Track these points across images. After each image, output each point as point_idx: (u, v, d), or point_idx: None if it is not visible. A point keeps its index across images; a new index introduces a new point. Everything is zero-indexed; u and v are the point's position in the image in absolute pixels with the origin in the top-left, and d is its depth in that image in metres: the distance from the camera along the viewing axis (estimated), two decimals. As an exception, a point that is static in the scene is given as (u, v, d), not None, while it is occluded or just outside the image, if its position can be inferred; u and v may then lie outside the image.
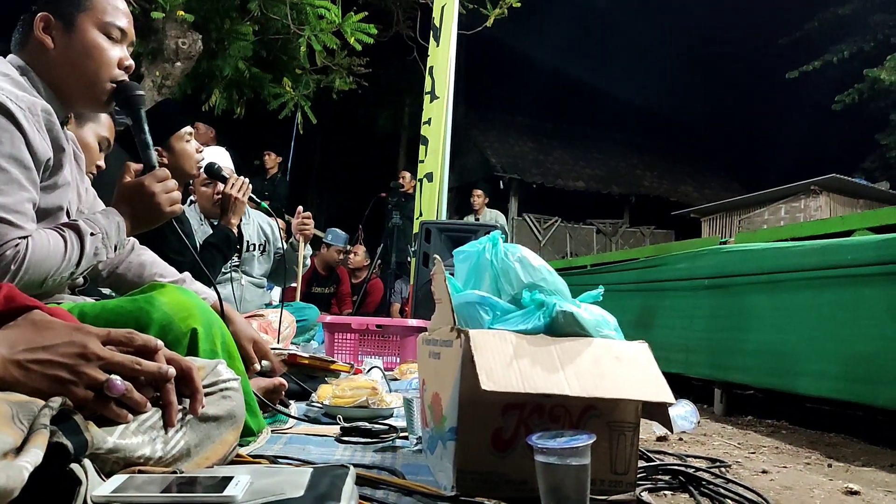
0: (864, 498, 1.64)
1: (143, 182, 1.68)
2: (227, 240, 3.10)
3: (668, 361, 3.43)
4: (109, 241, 1.61)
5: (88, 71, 1.62)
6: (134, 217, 1.68)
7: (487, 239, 1.55)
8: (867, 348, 2.49)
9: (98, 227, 1.59)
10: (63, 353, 0.98)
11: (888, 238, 2.51)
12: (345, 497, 0.96)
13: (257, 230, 3.77)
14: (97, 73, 1.63)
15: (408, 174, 8.57)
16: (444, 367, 1.44)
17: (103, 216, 1.63)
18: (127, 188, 1.69)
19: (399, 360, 3.56)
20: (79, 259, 1.54)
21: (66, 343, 0.99)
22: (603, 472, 1.35)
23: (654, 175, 18.60)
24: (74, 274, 1.56)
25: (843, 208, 11.16)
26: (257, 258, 3.71)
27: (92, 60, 1.62)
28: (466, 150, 17.04)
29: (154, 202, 1.68)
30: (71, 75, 1.62)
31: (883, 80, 13.00)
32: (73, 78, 1.63)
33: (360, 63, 8.64)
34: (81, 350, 0.99)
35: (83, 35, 1.61)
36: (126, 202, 1.68)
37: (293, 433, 1.93)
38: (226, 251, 3.12)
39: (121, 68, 1.67)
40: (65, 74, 1.62)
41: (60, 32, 1.60)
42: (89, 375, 0.98)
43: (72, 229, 1.55)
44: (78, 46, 1.61)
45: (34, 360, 0.97)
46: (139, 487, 0.96)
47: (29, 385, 0.95)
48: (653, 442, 2.22)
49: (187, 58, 7.05)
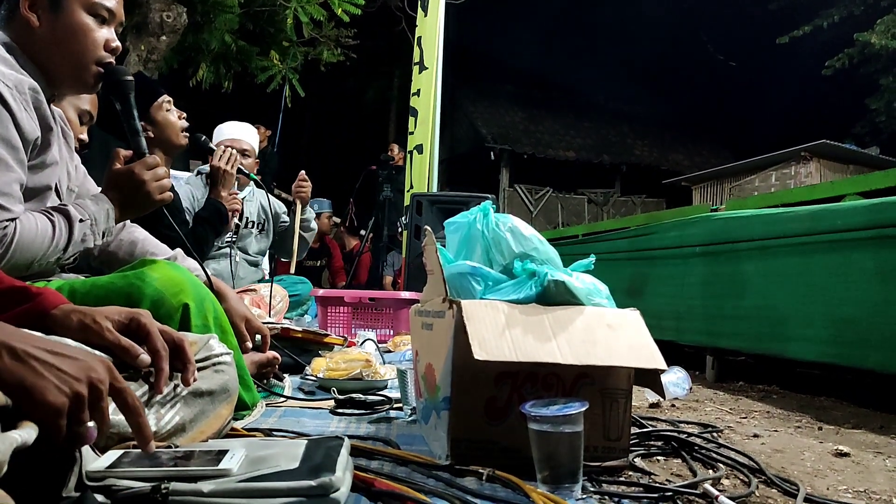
0: (853, 459, 1.67)
1: (132, 170, 1.65)
2: (217, 213, 3.09)
3: (659, 329, 3.45)
4: (98, 228, 1.59)
5: (74, 52, 1.58)
6: (123, 204, 1.66)
7: (478, 209, 1.55)
8: (856, 312, 2.51)
9: (87, 214, 1.57)
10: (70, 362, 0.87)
11: (878, 202, 2.52)
12: (340, 468, 0.96)
13: (258, 208, 3.77)
14: (83, 54, 1.59)
15: (396, 146, 8.53)
16: (436, 338, 1.44)
17: (93, 202, 1.61)
18: (116, 175, 1.67)
19: (392, 333, 3.57)
20: (66, 244, 1.52)
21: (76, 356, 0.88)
22: (596, 438, 1.36)
23: (644, 144, 18.56)
24: (61, 259, 1.55)
25: (833, 174, 11.20)
26: (255, 236, 3.71)
27: (77, 42, 1.58)
28: (456, 120, 16.95)
29: (144, 190, 1.66)
30: (56, 56, 1.58)
31: (873, 44, 12.94)
32: (59, 59, 1.59)
33: (347, 34, 8.55)
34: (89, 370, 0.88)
35: (69, 15, 1.57)
36: (115, 189, 1.66)
37: (287, 406, 1.94)
38: (217, 225, 3.11)
39: (107, 50, 1.63)
40: (50, 54, 1.57)
41: (46, 11, 1.56)
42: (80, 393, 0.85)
43: (61, 214, 1.53)
44: (64, 27, 1.57)
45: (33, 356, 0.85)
46: (134, 462, 0.96)
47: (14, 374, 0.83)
48: (645, 409, 2.24)
49: (172, 31, 6.95)
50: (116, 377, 0.91)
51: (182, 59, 7.98)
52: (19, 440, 0.76)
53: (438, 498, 1.09)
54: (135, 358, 1.06)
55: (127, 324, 1.10)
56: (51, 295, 1.11)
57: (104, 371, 0.88)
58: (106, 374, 0.89)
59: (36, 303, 1.09)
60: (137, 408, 0.93)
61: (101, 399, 0.86)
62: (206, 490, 0.91)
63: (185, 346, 1.14)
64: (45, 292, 1.10)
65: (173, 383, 1.14)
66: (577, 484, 1.17)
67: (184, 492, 0.91)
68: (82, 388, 0.84)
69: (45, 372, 0.83)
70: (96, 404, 0.86)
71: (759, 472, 1.41)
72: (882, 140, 14.08)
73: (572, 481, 1.17)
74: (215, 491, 0.91)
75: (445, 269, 1.47)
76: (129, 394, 0.92)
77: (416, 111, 6.00)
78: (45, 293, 1.10)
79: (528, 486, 1.15)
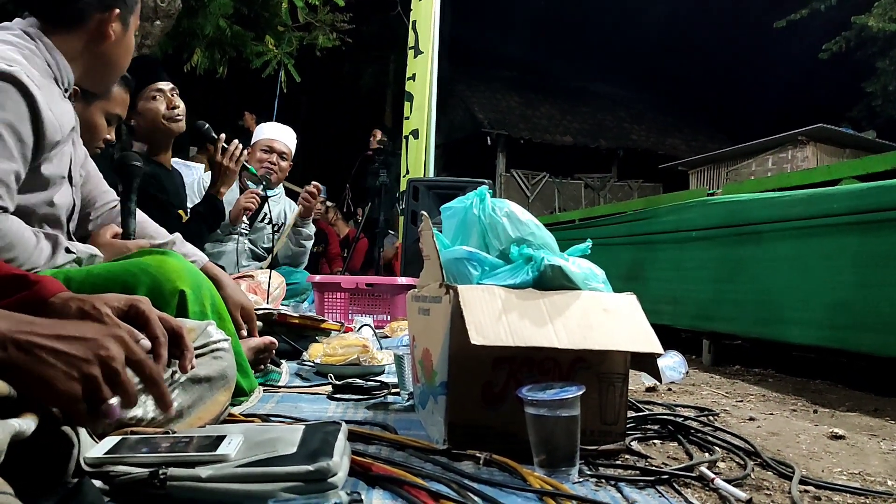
0: (848, 442, 1.68)
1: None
2: (214, 210, 3.09)
3: (656, 313, 3.46)
4: None
5: (122, 67, 1.80)
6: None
7: (475, 194, 1.54)
8: (852, 296, 2.51)
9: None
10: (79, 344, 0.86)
11: (874, 186, 2.52)
12: (337, 452, 0.97)
13: (282, 211, 3.94)
14: (124, 69, 1.81)
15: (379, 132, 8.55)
16: (433, 323, 1.45)
17: None
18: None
19: (389, 318, 3.57)
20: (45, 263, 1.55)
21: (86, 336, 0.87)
22: (593, 422, 1.36)
23: (641, 128, 18.52)
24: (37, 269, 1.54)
25: (829, 158, 11.19)
26: (268, 234, 3.80)
27: (127, 59, 1.79)
28: (453, 105, 16.89)
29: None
30: (109, 68, 1.76)
31: (871, 27, 12.90)
32: (110, 70, 1.77)
33: (343, 19, 8.49)
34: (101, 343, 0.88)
35: (129, 35, 1.76)
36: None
37: (285, 392, 1.95)
38: (212, 221, 3.12)
39: None
40: (104, 65, 1.74)
41: (120, 27, 1.72)
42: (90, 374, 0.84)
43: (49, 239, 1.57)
44: (123, 44, 1.75)
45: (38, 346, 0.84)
46: (132, 448, 0.96)
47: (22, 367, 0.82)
48: (642, 392, 2.25)
49: (166, 16, 6.89)
50: (132, 349, 0.90)
51: (176, 45, 7.92)
52: (17, 428, 0.76)
53: (436, 482, 1.09)
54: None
55: (126, 310, 1.10)
56: (49, 283, 1.11)
57: (116, 346, 0.88)
58: (119, 348, 0.88)
59: (34, 290, 1.08)
60: (156, 378, 0.94)
61: (116, 374, 0.86)
62: (204, 475, 0.91)
63: (183, 332, 1.13)
64: (43, 280, 1.10)
65: (171, 370, 1.14)
66: (573, 467, 1.18)
67: (182, 477, 0.91)
68: (93, 369, 0.84)
69: (53, 359, 0.82)
70: (114, 380, 0.86)
71: (755, 454, 1.42)
72: (879, 123, 14.07)
73: (569, 465, 1.18)
74: (213, 476, 0.91)
75: (442, 254, 1.47)
76: (146, 364, 0.92)
77: (412, 96, 5.97)
78: (44, 281, 1.10)
79: (525, 470, 1.16)
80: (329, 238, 7.80)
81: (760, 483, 1.25)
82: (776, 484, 1.25)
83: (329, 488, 0.92)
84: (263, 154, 3.74)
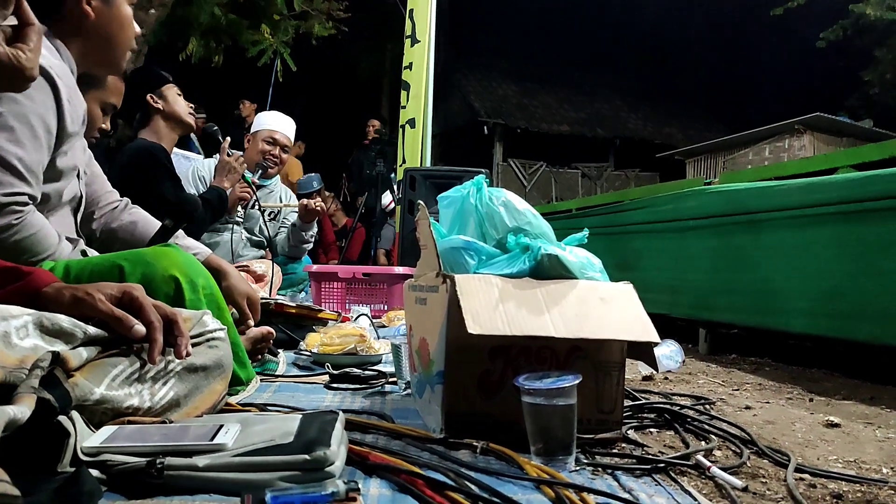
0: (844, 430, 1.68)
1: None
2: (219, 198, 3.26)
3: (653, 302, 3.45)
4: None
5: (121, 42, 1.73)
6: None
7: (472, 184, 1.54)
8: (848, 284, 2.52)
9: None
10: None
11: (871, 175, 2.52)
12: (334, 442, 0.97)
13: (279, 199, 4.06)
14: (126, 43, 1.75)
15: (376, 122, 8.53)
16: (430, 313, 1.44)
17: None
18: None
19: (386, 308, 3.57)
20: None
21: None
22: (589, 411, 1.37)
23: (638, 117, 18.50)
24: None
25: (826, 147, 11.20)
26: (262, 222, 3.84)
27: (123, 32, 1.72)
28: (449, 95, 16.84)
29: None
30: (106, 45, 1.71)
31: (868, 15, 12.88)
32: (108, 47, 1.72)
33: (339, 7, 8.46)
34: None
35: (118, 7, 1.70)
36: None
37: (282, 381, 1.95)
38: (217, 209, 3.26)
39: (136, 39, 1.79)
40: (99, 44, 1.69)
41: (101, 4, 1.67)
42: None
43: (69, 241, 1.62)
44: (116, 18, 1.70)
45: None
46: (129, 437, 0.96)
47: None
48: (638, 381, 2.25)
49: (161, 5, 6.85)
50: None
51: (171, 33, 7.89)
52: (11, 415, 0.76)
53: (433, 471, 1.09)
54: (129, 328, 1.06)
55: (119, 297, 1.10)
56: (41, 273, 1.11)
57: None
58: None
59: (27, 281, 1.08)
60: None
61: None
62: (201, 464, 0.91)
63: (178, 320, 1.13)
64: (35, 271, 1.10)
65: (167, 359, 1.14)
66: (570, 456, 1.18)
67: (179, 466, 0.91)
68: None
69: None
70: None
71: (751, 443, 1.42)
72: (876, 112, 14.06)
73: (566, 454, 1.18)
74: (210, 465, 0.91)
75: (439, 243, 1.47)
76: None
77: (409, 85, 5.95)
78: (36, 272, 1.10)
79: (521, 459, 1.16)
80: (324, 226, 7.79)
81: (756, 471, 1.25)
82: (772, 472, 1.26)
83: (326, 477, 0.92)
84: (266, 145, 3.77)
